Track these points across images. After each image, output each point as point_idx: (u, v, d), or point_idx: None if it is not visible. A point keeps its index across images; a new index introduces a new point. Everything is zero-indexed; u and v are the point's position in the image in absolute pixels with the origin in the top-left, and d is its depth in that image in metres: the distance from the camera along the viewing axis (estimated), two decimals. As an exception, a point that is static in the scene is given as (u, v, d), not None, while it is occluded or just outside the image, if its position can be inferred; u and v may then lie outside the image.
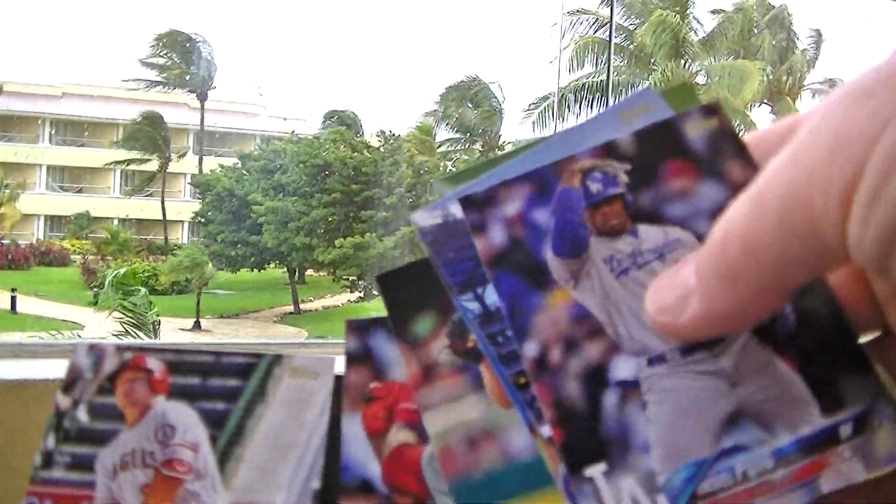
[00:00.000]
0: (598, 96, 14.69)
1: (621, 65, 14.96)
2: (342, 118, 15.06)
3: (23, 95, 15.95)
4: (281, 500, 0.57)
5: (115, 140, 15.71)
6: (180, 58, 15.50)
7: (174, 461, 0.58)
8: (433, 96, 15.74)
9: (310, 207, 12.64)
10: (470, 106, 15.26)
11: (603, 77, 14.71)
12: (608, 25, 14.64)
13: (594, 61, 14.83)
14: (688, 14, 14.61)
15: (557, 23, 14.84)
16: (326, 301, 14.10)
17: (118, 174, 16.35)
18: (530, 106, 15.41)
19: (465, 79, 15.65)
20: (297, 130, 14.49)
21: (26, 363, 1.16)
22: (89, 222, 15.74)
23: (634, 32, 14.68)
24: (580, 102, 14.89)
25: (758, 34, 15.16)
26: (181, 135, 16.43)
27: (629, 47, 14.96)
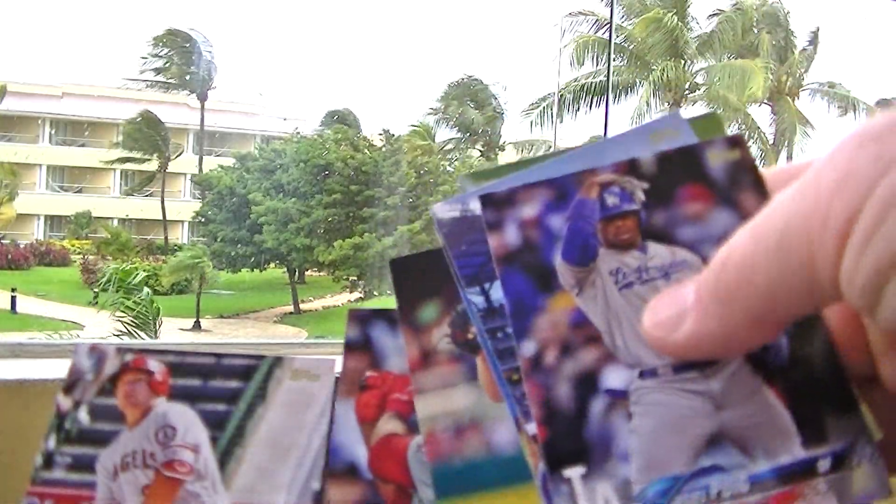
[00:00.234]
0: (598, 96, 14.70)
1: (621, 65, 14.97)
2: (342, 117, 15.06)
3: (23, 95, 15.96)
4: (281, 501, 0.58)
5: (116, 142, 15.71)
6: (180, 58, 15.51)
7: (175, 462, 0.58)
8: (433, 96, 15.75)
9: (310, 208, 12.65)
10: (471, 106, 15.27)
11: (602, 77, 14.72)
12: (608, 26, 14.64)
13: (594, 60, 14.84)
14: (686, 14, 14.62)
15: (557, 23, 14.85)
16: (326, 301, 14.10)
17: (118, 174, 16.35)
18: (531, 106, 15.42)
19: (466, 78, 15.66)
20: (297, 131, 14.48)
21: (26, 363, 1.16)
22: (89, 222, 15.74)
23: (631, 32, 14.69)
24: (579, 103, 14.90)
25: (757, 34, 15.17)
26: (181, 135, 16.42)
27: (629, 47, 14.97)
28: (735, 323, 0.24)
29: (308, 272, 14.39)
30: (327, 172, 12.91)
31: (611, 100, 14.90)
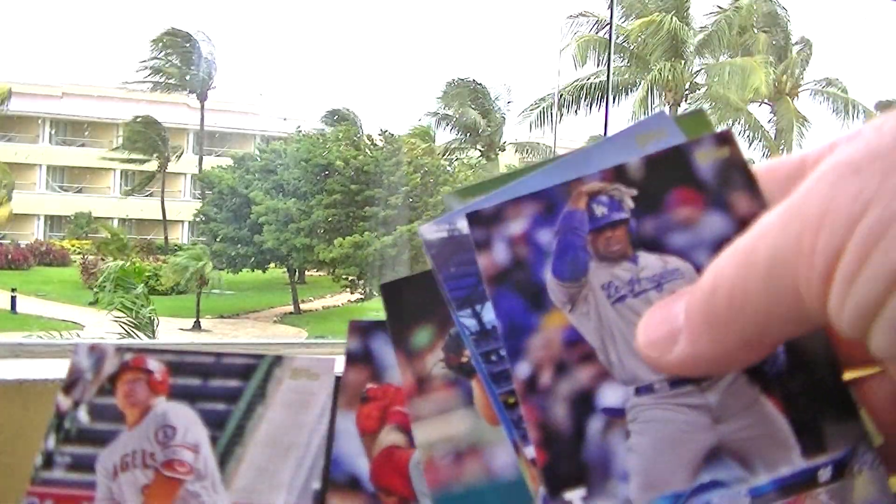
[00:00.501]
0: (598, 97, 14.69)
1: (622, 65, 14.96)
2: (342, 117, 15.04)
3: (23, 95, 15.95)
4: (281, 501, 0.58)
5: (115, 147, 15.69)
6: (180, 59, 15.50)
7: (174, 462, 0.58)
8: (434, 97, 15.74)
9: (311, 208, 12.64)
10: (472, 107, 15.26)
11: (602, 78, 14.71)
12: (608, 26, 14.63)
13: (596, 60, 14.82)
14: (686, 15, 14.61)
15: (559, 25, 14.84)
16: (326, 301, 14.09)
17: (118, 174, 16.34)
18: (531, 106, 15.41)
19: (466, 79, 15.65)
20: (299, 128, 14.44)
21: (26, 363, 1.16)
22: (89, 222, 15.74)
23: (631, 32, 14.67)
24: (579, 103, 14.88)
25: (756, 33, 15.16)
26: (181, 135, 16.41)
27: (630, 48, 14.95)
28: (727, 346, 0.24)
29: (308, 272, 14.39)
30: (327, 172, 12.90)
31: (612, 100, 14.89)
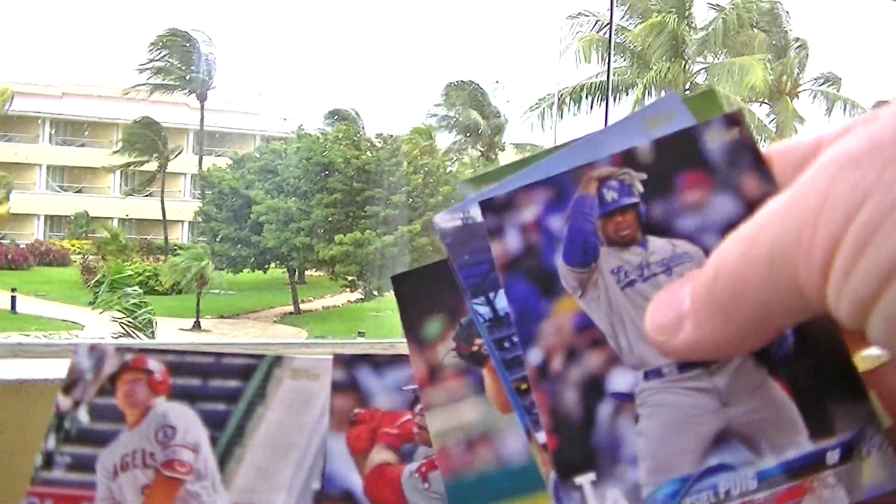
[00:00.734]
0: (598, 96, 14.69)
1: (623, 65, 14.96)
2: (343, 117, 15.05)
3: (23, 95, 15.95)
4: (281, 501, 0.58)
5: (115, 150, 15.70)
6: (180, 59, 15.50)
7: (174, 462, 0.58)
8: (435, 97, 15.74)
9: (311, 207, 12.65)
10: (472, 106, 15.26)
11: (603, 78, 14.71)
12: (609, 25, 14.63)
13: (599, 59, 14.82)
14: (687, 15, 14.61)
15: (559, 25, 14.84)
16: (326, 301, 14.10)
17: (118, 174, 16.34)
18: (531, 107, 15.41)
19: (467, 79, 15.66)
20: (301, 127, 14.42)
21: (26, 363, 1.16)
22: (89, 222, 15.74)
23: (634, 33, 14.67)
24: (580, 103, 14.89)
25: (756, 33, 15.16)
26: (181, 135, 16.42)
27: (631, 47, 14.96)
28: (731, 332, 0.24)
29: (308, 272, 14.39)
30: (328, 171, 12.91)
31: (613, 100, 14.90)
